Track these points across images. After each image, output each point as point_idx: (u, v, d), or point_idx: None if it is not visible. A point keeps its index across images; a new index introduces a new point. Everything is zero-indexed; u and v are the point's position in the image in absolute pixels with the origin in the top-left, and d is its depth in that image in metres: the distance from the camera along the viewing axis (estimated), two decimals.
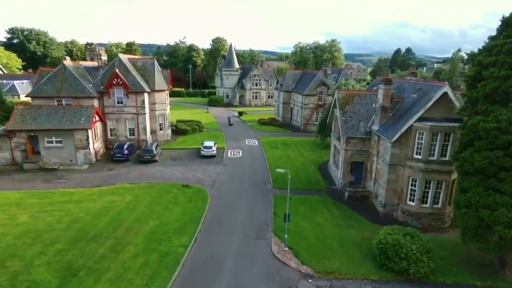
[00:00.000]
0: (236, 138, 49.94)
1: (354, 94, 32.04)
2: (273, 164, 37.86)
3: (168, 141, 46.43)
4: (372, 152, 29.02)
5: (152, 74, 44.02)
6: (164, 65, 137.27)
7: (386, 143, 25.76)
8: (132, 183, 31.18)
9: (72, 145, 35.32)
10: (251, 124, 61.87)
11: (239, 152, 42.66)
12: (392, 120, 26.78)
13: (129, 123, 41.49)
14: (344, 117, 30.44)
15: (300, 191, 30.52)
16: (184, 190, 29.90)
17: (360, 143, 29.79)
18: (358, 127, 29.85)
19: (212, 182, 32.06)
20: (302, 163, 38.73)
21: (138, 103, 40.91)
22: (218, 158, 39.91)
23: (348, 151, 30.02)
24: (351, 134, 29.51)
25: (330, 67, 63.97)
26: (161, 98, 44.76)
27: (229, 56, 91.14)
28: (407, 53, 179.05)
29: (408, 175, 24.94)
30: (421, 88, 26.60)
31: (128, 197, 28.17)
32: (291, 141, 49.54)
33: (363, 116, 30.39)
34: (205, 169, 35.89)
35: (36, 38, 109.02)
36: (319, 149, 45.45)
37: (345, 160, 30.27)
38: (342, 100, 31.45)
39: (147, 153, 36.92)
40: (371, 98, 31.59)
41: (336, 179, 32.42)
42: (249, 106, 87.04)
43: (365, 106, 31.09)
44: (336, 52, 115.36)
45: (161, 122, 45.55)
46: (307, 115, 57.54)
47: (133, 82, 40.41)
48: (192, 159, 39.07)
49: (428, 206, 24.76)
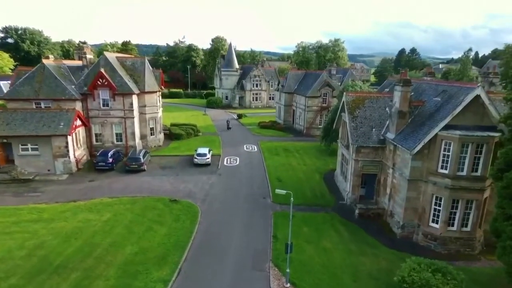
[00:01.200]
0: (234, 144, 46.29)
1: (365, 96, 28.34)
2: (273, 174, 34.20)
3: (159, 147, 42.82)
4: (386, 164, 25.31)
5: (142, 74, 40.45)
6: (163, 65, 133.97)
7: (405, 155, 22.04)
8: (114, 197, 27.55)
9: (50, 153, 31.75)
10: (250, 127, 58.23)
11: (236, 159, 38.99)
12: (411, 127, 23.07)
13: (116, 128, 37.90)
14: (354, 122, 26.74)
15: (303, 207, 26.83)
16: (171, 206, 26.26)
17: (373, 153, 26.09)
18: (370, 135, 26.16)
19: (204, 196, 28.40)
20: (305, 173, 35.02)
21: (125, 105, 37.32)
22: (213, 166, 36.25)
23: (359, 162, 26.31)
24: (362, 143, 25.81)
25: (334, 67, 60.30)
26: (152, 100, 41.17)
27: (229, 56, 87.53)
28: (412, 53, 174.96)
29: (431, 192, 21.21)
30: (445, 90, 22.88)
31: (107, 214, 24.54)
32: (293, 146, 45.85)
33: (375, 122, 26.69)
34: (198, 179, 32.23)
35: (30, 37, 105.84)
36: (324, 155, 41.75)
37: (355, 172, 26.56)
38: (351, 103, 27.77)
39: (134, 161, 33.30)
40: (384, 101, 27.92)
41: (345, 193, 28.71)
42: (249, 108, 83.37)
43: (378, 110, 27.40)
44: (340, 52, 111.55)
45: (152, 126, 41.96)
46: (310, 118, 53.84)
47: (120, 82, 36.83)
48: (184, 168, 35.42)
49: (455, 230, 21.03)
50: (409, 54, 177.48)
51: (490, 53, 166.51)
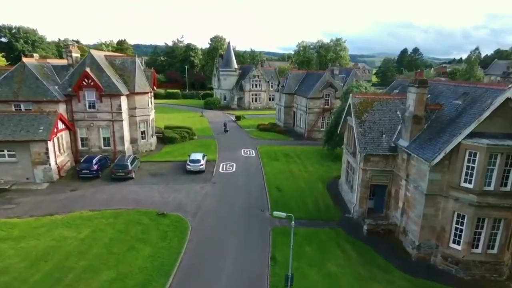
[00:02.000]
0: (231, 148, 43.61)
1: (373, 99, 25.67)
2: (272, 182, 31.54)
3: (151, 152, 40.15)
4: (398, 174, 22.63)
5: (132, 74, 37.80)
6: (162, 65, 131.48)
7: (422, 166, 19.37)
8: (95, 209, 24.88)
9: (29, 159, 29.13)
10: (249, 130, 55.55)
11: (232, 166, 36.30)
12: (427, 134, 20.39)
13: (103, 132, 35.25)
14: (361, 128, 24.07)
15: (306, 221, 24.15)
16: (158, 220, 23.59)
17: (383, 162, 23.41)
18: (379, 141, 23.47)
19: (195, 209, 25.73)
20: (307, 181, 32.34)
21: (113, 107, 34.68)
22: (207, 173, 33.57)
23: (367, 172, 23.64)
24: (371, 150, 23.13)
25: (337, 67, 57.57)
26: (143, 101, 38.51)
27: (227, 56, 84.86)
28: (414, 53, 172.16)
29: (452, 209, 18.54)
30: (467, 93, 20.19)
31: (85, 231, 21.89)
32: (294, 151, 43.17)
33: (385, 127, 24.01)
34: (190, 188, 29.56)
35: (24, 36, 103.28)
36: (327, 161, 39.08)
37: (363, 183, 23.88)
38: (358, 106, 25.09)
39: (121, 168, 30.63)
40: (395, 104, 25.25)
41: (351, 205, 26.04)
42: (248, 109, 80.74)
43: (388, 114, 24.72)
44: (342, 52, 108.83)
45: (143, 129, 39.29)
46: (311, 121, 51.16)
47: (107, 83, 34.18)
48: (175, 175, 32.75)
49: (480, 252, 18.35)
50: (411, 54, 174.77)
51: (493, 53, 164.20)
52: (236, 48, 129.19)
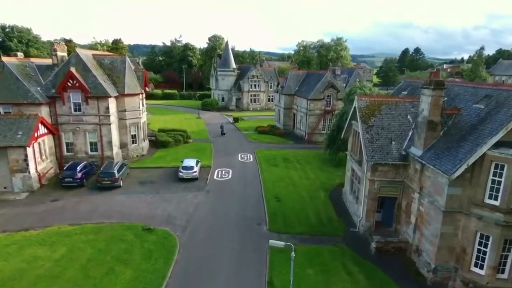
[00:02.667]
0: (227, 152, 41.33)
1: (381, 101, 23.38)
2: (270, 191, 29.28)
3: (142, 157, 37.85)
4: (410, 186, 20.36)
5: (121, 74, 35.53)
6: (160, 65, 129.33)
7: (439, 178, 17.10)
8: (75, 224, 22.61)
9: (6, 167, 26.86)
10: (247, 132, 53.27)
11: (228, 172, 34.00)
12: (444, 142, 18.12)
13: (90, 136, 32.97)
14: (368, 134, 21.79)
15: (307, 237, 21.89)
16: (144, 236, 21.30)
17: (392, 172, 21.13)
18: (389, 149, 21.20)
19: (186, 222, 23.44)
20: (308, 189, 30.07)
21: (100, 110, 32.40)
22: (200, 181, 31.28)
23: (375, 183, 21.36)
24: (380, 159, 20.85)
25: (339, 67, 55.33)
26: (133, 103, 36.22)
27: (225, 55, 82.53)
28: (416, 53, 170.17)
29: (475, 228, 16.27)
30: (490, 96, 17.91)
31: (61, 249, 19.62)
32: (294, 155, 40.90)
33: (395, 133, 21.73)
34: (181, 198, 27.28)
35: (18, 36, 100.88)
36: (329, 166, 36.82)
37: (370, 195, 21.61)
38: (364, 109, 22.81)
39: (106, 176, 28.32)
40: (405, 107, 22.98)
41: (356, 218, 23.77)
42: (247, 110, 78.45)
43: (398, 118, 22.45)
44: (343, 52, 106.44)
45: (134, 133, 37.00)
46: (312, 123, 48.89)
47: (93, 84, 31.90)
48: (167, 183, 30.46)
49: (506, 278, 16.08)
50: (413, 54, 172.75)
51: (495, 53, 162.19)
52: (235, 48, 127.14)
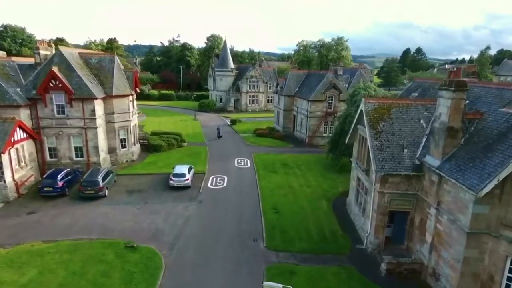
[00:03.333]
0: (223, 157, 39.01)
1: (391, 104, 21.08)
2: (268, 200, 26.98)
3: (133, 162, 35.51)
4: (425, 200, 18.07)
5: (109, 74, 33.22)
6: (158, 65, 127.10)
7: (462, 194, 14.81)
8: (50, 240, 20.30)
9: None
10: (245, 135, 50.96)
11: (223, 179, 31.68)
12: (467, 151, 15.83)
13: (75, 141, 30.68)
14: (377, 140, 19.50)
15: (308, 256, 19.58)
16: (125, 256, 18.98)
17: (404, 183, 18.85)
18: (400, 158, 18.91)
19: (174, 238, 21.12)
20: (309, 198, 27.77)
21: (86, 113, 30.11)
22: (193, 189, 28.96)
23: (385, 196, 19.07)
24: (391, 169, 18.57)
25: (341, 67, 53.03)
26: (123, 105, 33.90)
27: (223, 55, 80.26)
28: (417, 53, 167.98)
29: (505, 253, 13.96)
30: None
31: (30, 272, 17.31)
32: (294, 160, 38.60)
33: (407, 140, 19.45)
34: (171, 210, 24.97)
35: (11, 35, 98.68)
36: (331, 172, 34.53)
37: (379, 209, 19.33)
38: (372, 113, 20.52)
39: (90, 185, 26.00)
40: (417, 110, 20.71)
41: (363, 233, 21.48)
42: (245, 111, 76.14)
43: (410, 123, 20.17)
44: (344, 51, 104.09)
45: (123, 137, 34.66)
46: (313, 126, 46.61)
47: (78, 84, 29.60)
48: (156, 192, 28.16)
49: None
50: (414, 54, 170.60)
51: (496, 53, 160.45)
52: (234, 48, 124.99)
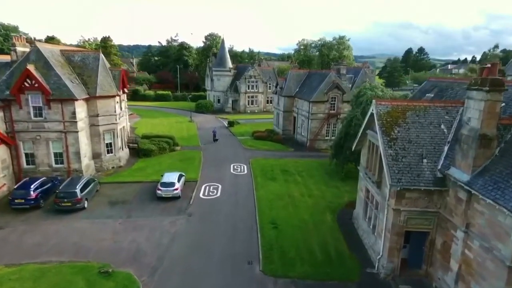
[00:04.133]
0: (218, 162, 36.26)
1: (406, 107, 18.36)
2: (266, 213, 24.25)
3: (120, 168, 32.77)
4: (449, 219, 15.33)
5: (94, 73, 30.54)
6: (155, 65, 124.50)
7: (501, 217, 12.08)
8: (14, 264, 17.59)
9: None
10: (242, 138, 48.24)
11: (217, 188, 28.94)
12: (505, 164, 13.08)
13: (54, 146, 28.00)
14: (392, 149, 16.77)
15: (312, 283, 16.84)
16: (98, 284, 16.25)
17: (424, 199, 16.12)
18: (419, 169, 16.18)
19: (157, 260, 18.39)
20: (311, 210, 25.04)
21: (65, 115, 27.44)
22: (183, 200, 26.25)
23: (401, 213, 16.35)
24: (408, 183, 15.84)
25: (344, 66, 50.25)
26: (108, 107, 31.18)
27: (221, 54, 77.49)
28: (420, 53, 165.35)
29: None
30: None
31: None
32: (295, 165, 35.87)
33: (427, 148, 16.72)
34: (156, 224, 22.25)
35: (4, 33, 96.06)
36: (335, 180, 31.81)
37: (394, 228, 16.60)
38: (385, 117, 17.80)
39: (66, 197, 23.25)
40: (437, 114, 18.00)
41: (373, 253, 18.75)
42: (244, 112, 73.39)
43: (429, 128, 17.45)
44: (345, 51, 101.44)
45: (109, 141, 31.95)
46: (315, 128, 43.89)
47: (56, 84, 26.93)
48: (142, 204, 25.44)
49: None
50: (416, 54, 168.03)
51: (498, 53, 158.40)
52: (234, 48, 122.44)
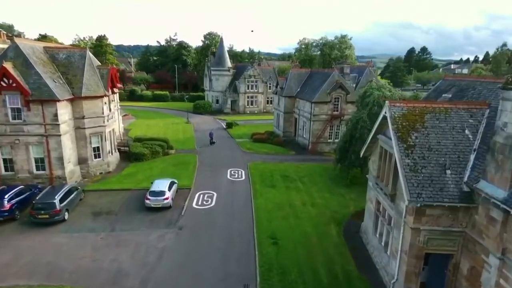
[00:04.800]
0: (215, 167, 33.98)
1: (425, 109, 16.08)
2: (265, 226, 21.98)
3: (108, 174, 30.53)
4: (478, 241, 13.06)
5: (79, 71, 28.33)
6: (154, 65, 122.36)
7: None
8: None
9: None
10: (241, 140, 46.00)
11: (212, 196, 26.66)
12: None
13: (35, 151, 25.81)
14: (409, 158, 14.50)
15: None
16: None
17: (448, 217, 13.85)
18: (442, 182, 13.90)
19: (140, 283, 16.11)
20: (315, 222, 22.77)
21: (47, 117, 25.24)
22: (174, 210, 23.99)
23: (420, 233, 14.08)
24: (430, 199, 13.56)
25: (348, 64, 47.96)
26: (95, 108, 28.93)
27: (220, 53, 75.27)
28: (423, 52, 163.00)
29: None
30: None
31: None
32: (296, 171, 33.61)
33: (450, 157, 14.44)
34: (143, 239, 19.99)
35: None
36: (339, 186, 29.57)
37: (412, 250, 14.33)
38: (401, 121, 15.54)
39: (44, 208, 20.98)
40: (459, 117, 15.74)
41: (386, 276, 16.47)
42: (243, 113, 71.15)
43: (451, 134, 15.17)
44: (347, 50, 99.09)
45: (96, 145, 29.71)
46: (317, 130, 41.62)
47: (36, 84, 24.73)
48: (128, 214, 23.19)
49: None
50: (419, 53, 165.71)
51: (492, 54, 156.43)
52: (233, 48, 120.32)
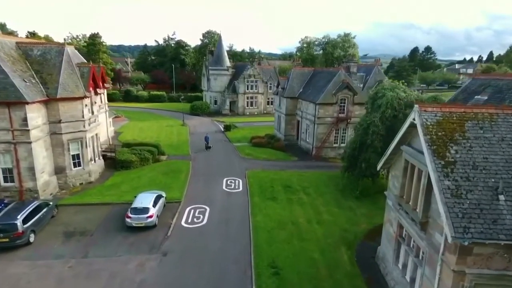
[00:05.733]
0: (209, 176, 30.72)
1: (464, 115, 12.83)
2: (264, 251, 18.72)
3: (90, 184, 27.33)
4: None
5: (56, 70, 25.13)
6: (152, 65, 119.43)
7: None
8: None
9: None
10: (239, 144, 42.79)
11: (204, 212, 23.39)
12: None
13: (2, 160, 22.62)
14: (449, 178, 11.23)
15: None
16: None
17: (503, 257, 10.59)
18: (494, 211, 10.65)
19: None
20: (323, 245, 19.49)
21: (15, 122, 22.05)
22: (159, 229, 20.73)
23: (466, 277, 10.82)
24: (480, 235, 10.30)
25: (354, 63, 44.80)
26: (73, 111, 25.71)
27: (218, 52, 72.05)
28: (427, 52, 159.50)
29: None
30: None
31: None
32: (299, 179, 30.35)
33: (502, 177, 11.18)
34: (118, 269, 16.76)
35: None
36: (348, 198, 26.34)
37: None
38: (435, 130, 12.29)
39: (3, 231, 17.73)
40: (509, 125, 12.48)
41: None
42: (242, 115, 67.97)
43: (500, 146, 11.93)
44: (351, 49, 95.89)
45: (75, 152, 26.50)
46: (321, 134, 38.38)
47: (2, 84, 21.51)
48: (106, 235, 19.95)
49: None
50: (423, 53, 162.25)
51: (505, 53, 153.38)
52: (233, 48, 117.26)
